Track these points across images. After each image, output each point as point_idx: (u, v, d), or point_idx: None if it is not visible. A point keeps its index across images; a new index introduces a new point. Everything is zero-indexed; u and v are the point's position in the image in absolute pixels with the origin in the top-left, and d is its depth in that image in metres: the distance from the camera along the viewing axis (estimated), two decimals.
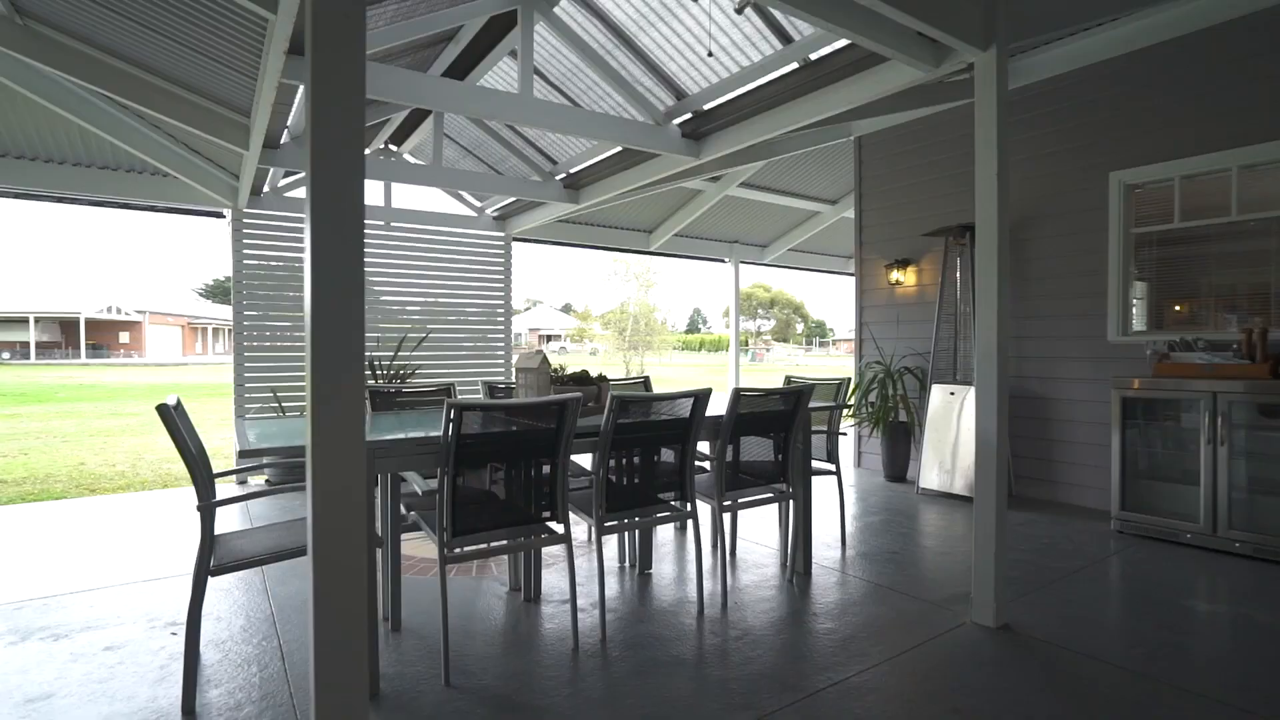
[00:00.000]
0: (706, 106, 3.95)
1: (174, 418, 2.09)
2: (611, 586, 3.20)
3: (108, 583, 3.28)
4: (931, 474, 5.10)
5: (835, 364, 34.36)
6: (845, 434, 3.94)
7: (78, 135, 4.76)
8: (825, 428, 3.92)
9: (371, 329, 6.20)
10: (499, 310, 7.04)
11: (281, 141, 4.30)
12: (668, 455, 2.98)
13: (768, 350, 50.37)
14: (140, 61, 3.69)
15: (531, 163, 5.40)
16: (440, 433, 2.29)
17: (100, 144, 4.86)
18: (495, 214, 6.87)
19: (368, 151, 6.38)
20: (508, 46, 4.08)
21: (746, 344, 54.76)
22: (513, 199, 6.43)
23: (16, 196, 5.05)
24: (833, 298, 76.84)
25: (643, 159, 4.73)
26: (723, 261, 9.19)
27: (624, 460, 2.81)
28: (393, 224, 6.32)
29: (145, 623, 2.80)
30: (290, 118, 4.05)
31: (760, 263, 9.36)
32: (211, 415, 11.39)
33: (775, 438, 3.24)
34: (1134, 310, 4.45)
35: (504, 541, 2.50)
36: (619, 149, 4.87)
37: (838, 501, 3.87)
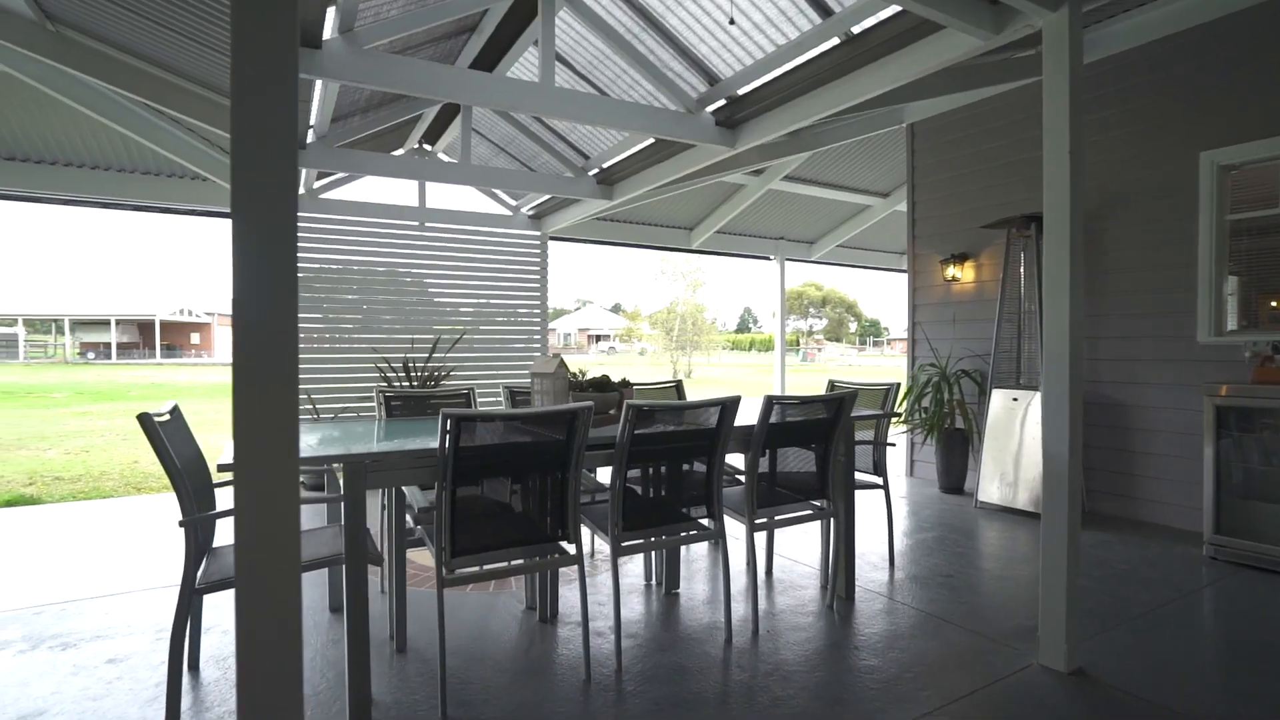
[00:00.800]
0: (740, 91, 3.68)
1: (156, 429, 1.97)
2: (634, 607, 2.98)
3: (128, 588, 3.25)
4: (991, 486, 4.69)
5: (889, 364, 33.22)
6: (894, 445, 3.61)
7: (119, 141, 4.84)
8: (871, 437, 3.60)
9: (405, 331, 6.15)
10: (535, 311, 6.91)
11: (307, 141, 4.24)
12: (695, 468, 2.74)
13: (819, 350, 49.22)
14: (159, 60, 3.67)
15: (563, 158, 5.23)
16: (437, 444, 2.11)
17: (140, 150, 4.93)
18: (531, 212, 6.74)
19: (400, 151, 6.35)
20: (533, 35, 3.91)
21: (797, 344, 53.73)
22: (547, 196, 6.29)
23: (65, 203, 5.18)
24: (887, 296, 74.57)
25: (676, 150, 4.49)
26: (768, 259, 8.86)
27: (644, 474, 2.59)
28: (427, 224, 6.26)
29: (154, 634, 2.73)
30: (313, 117, 3.99)
31: (807, 260, 8.98)
32: None
33: (814, 450, 2.96)
34: (1228, 307, 3.95)
35: (510, 562, 2.30)
36: (651, 141, 4.65)
37: (885, 518, 3.54)
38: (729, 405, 2.57)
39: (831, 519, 3.01)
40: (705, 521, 2.68)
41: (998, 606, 2.96)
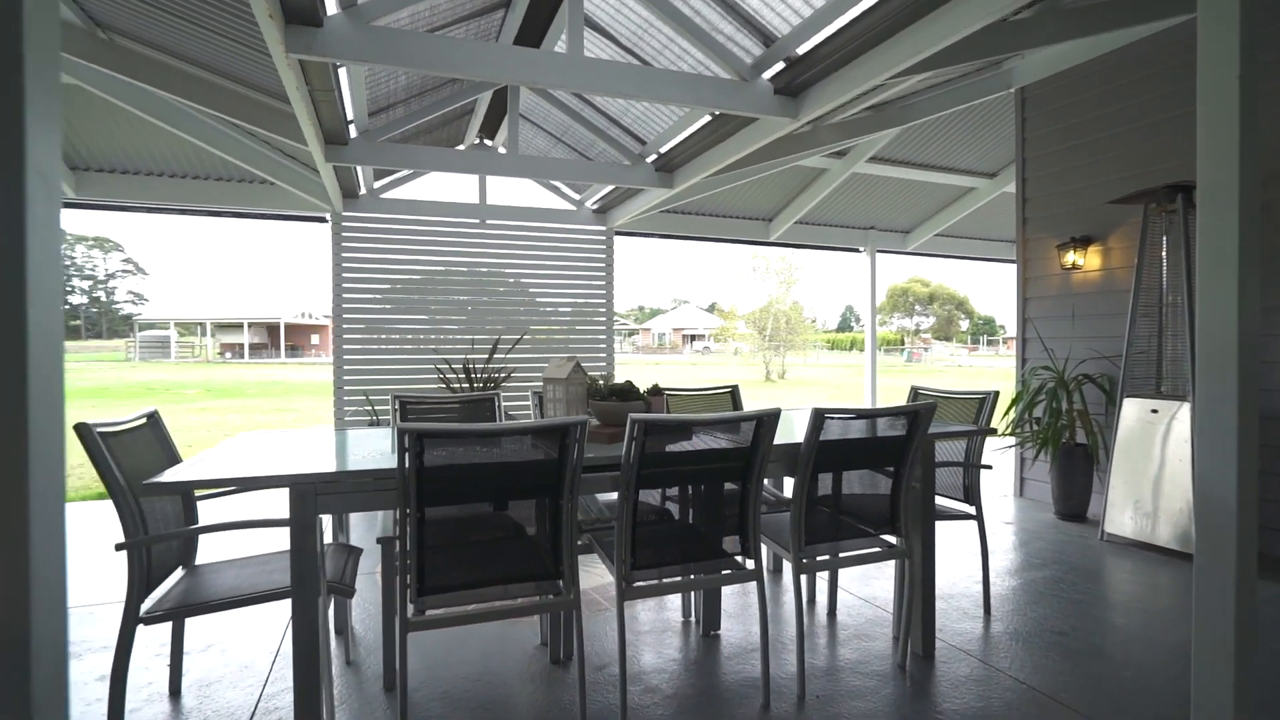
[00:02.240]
0: (800, 51, 3.16)
1: (95, 440, 1.77)
2: (662, 650, 2.56)
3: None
4: (1123, 516, 3.87)
5: (1004, 365, 30.53)
6: (989, 467, 2.96)
7: (190, 150, 4.98)
8: (961, 457, 2.98)
9: (466, 332, 6.02)
10: (600, 310, 6.61)
11: (350, 137, 4.13)
12: (728, 492, 2.28)
13: (926, 350, 46.26)
14: (205, 63, 3.64)
15: (619, 145, 4.88)
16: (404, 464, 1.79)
17: (210, 157, 5.05)
18: (595, 206, 6.44)
19: (461, 147, 6.23)
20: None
21: (901, 343, 50.84)
22: (609, 188, 5.96)
23: (148, 211, 5.41)
24: (1003, 291, 69.07)
25: (736, 127, 4.01)
26: (857, 251, 8.11)
27: (662, 500, 2.17)
28: (488, 221, 6.10)
29: (156, 647, 2.61)
30: (349, 110, 3.85)
31: (901, 251, 8.15)
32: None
33: (882, 473, 2.42)
34: None
35: (496, 603, 1.96)
36: (707, 119, 4.19)
37: (979, 553, 2.91)
38: (765, 420, 2.10)
39: (905, 560, 2.45)
40: (740, 558, 2.23)
41: (1131, 683, 2.30)
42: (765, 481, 2.92)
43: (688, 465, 2.14)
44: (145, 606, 1.90)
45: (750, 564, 2.21)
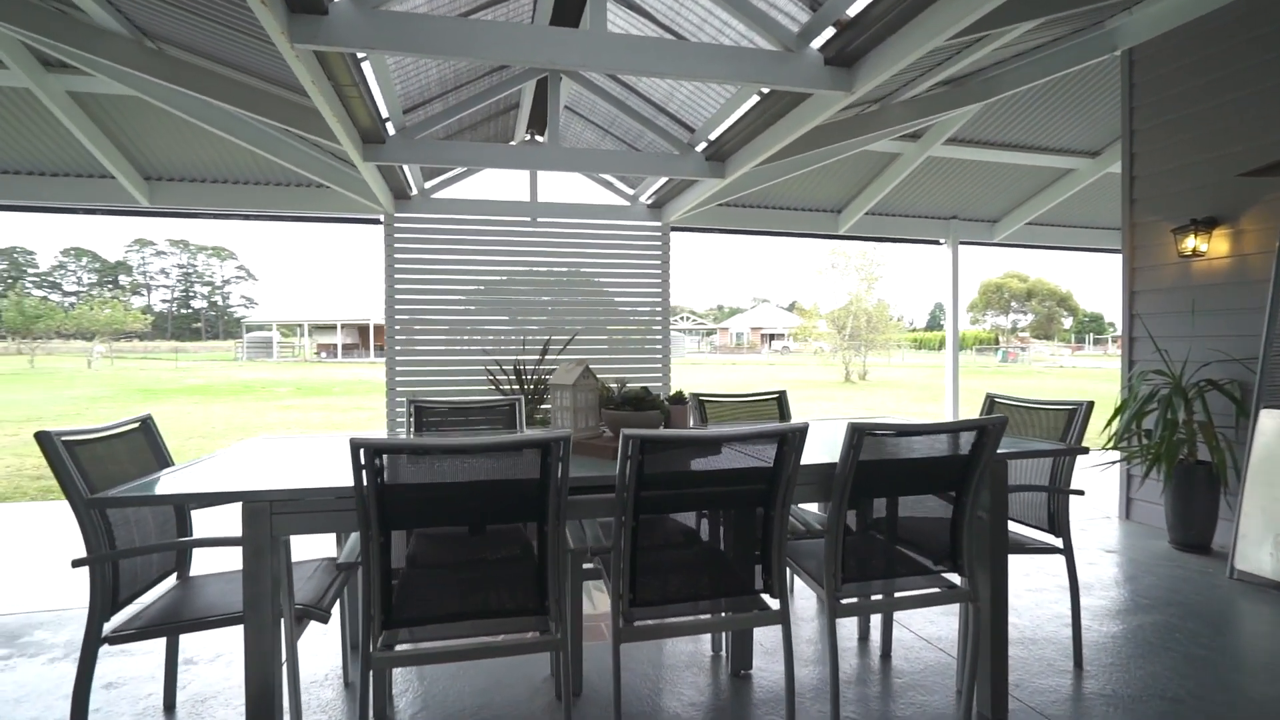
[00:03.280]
0: (851, 12, 2.78)
1: (56, 450, 1.68)
2: (682, 694, 2.27)
3: None
4: (1260, 551, 3.23)
5: (1112, 366, 27.96)
6: (1081, 493, 2.48)
7: (248, 156, 5.10)
8: (1046, 480, 2.52)
9: (518, 333, 5.91)
10: (656, 308, 6.34)
11: (388, 135, 4.06)
12: (750, 519, 1.97)
13: (1023, 350, 43.15)
14: (249, 68, 3.65)
15: (665, 133, 4.59)
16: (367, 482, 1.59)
17: (267, 162, 5.16)
18: (649, 200, 6.18)
19: (514, 142, 6.13)
20: None
21: (996, 341, 47.76)
22: (661, 180, 5.69)
23: (214, 217, 5.61)
24: (1112, 284, 63.55)
25: (786, 106, 3.64)
26: (937, 243, 7.47)
27: (663, 528, 1.89)
28: (539, 219, 5.97)
29: (158, 663, 2.57)
30: (382, 107, 3.77)
31: (989, 243, 7.44)
32: None
33: (942, 499, 2.03)
34: None
35: (473, 639, 1.74)
36: (755, 99, 3.85)
37: (1068, 592, 2.44)
38: (791, 437, 1.78)
39: (970, 604, 2.05)
40: (765, 597, 1.91)
41: None
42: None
43: (698, 488, 1.84)
44: (118, 622, 1.81)
45: (775, 603, 1.89)
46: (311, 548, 2.57)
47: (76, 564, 1.65)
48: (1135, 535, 4.08)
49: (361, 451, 1.52)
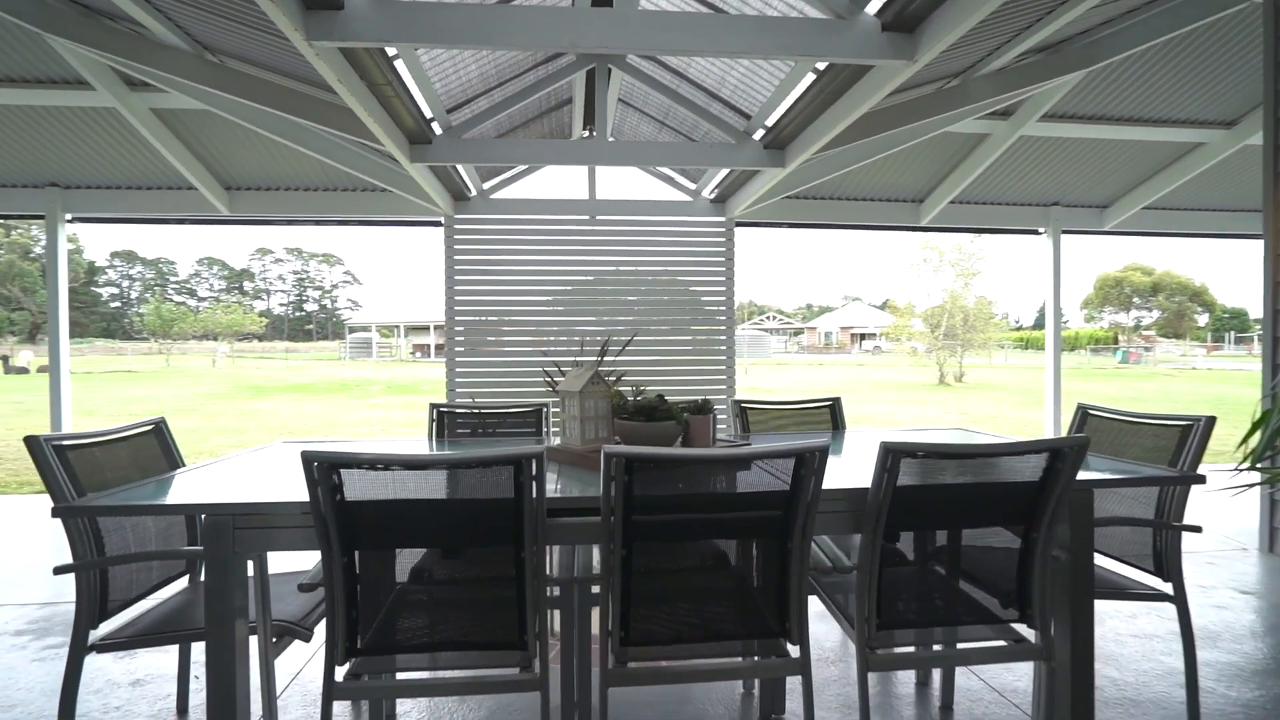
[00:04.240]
0: None
1: (45, 455, 1.66)
2: None
3: None
4: None
5: (1256, 368, 24.82)
6: (1197, 529, 2.03)
7: (315, 163, 5.26)
8: (1152, 512, 2.09)
9: (575, 333, 5.80)
10: (720, 307, 6.06)
11: (435, 134, 4.04)
12: (766, 551, 1.71)
13: (1147, 349, 39.16)
14: (296, 74, 3.71)
15: (721, 121, 4.32)
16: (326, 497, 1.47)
17: (331, 169, 5.31)
18: (712, 195, 5.91)
19: (574, 138, 6.03)
20: None
21: (1115, 340, 43.67)
22: (725, 173, 5.41)
23: (289, 223, 5.85)
24: (1253, 278, 56.61)
25: (845, 83, 3.30)
26: (1036, 233, 6.76)
27: (665, 557, 1.66)
28: (598, 217, 5.83)
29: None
30: (424, 106, 3.73)
31: (1098, 231, 6.65)
32: None
33: (1009, 532, 1.69)
34: None
35: (450, 672, 1.58)
36: (811, 78, 3.52)
37: (1181, 650, 2.01)
38: (807, 457, 1.50)
39: (1044, 662, 1.70)
40: (788, 642, 1.65)
41: None
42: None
43: (700, 513, 1.60)
44: (118, 624, 1.79)
45: (795, 650, 1.62)
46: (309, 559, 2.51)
47: (57, 571, 1.63)
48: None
49: (315, 466, 1.39)
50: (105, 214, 5.56)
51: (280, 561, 1.98)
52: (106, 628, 1.76)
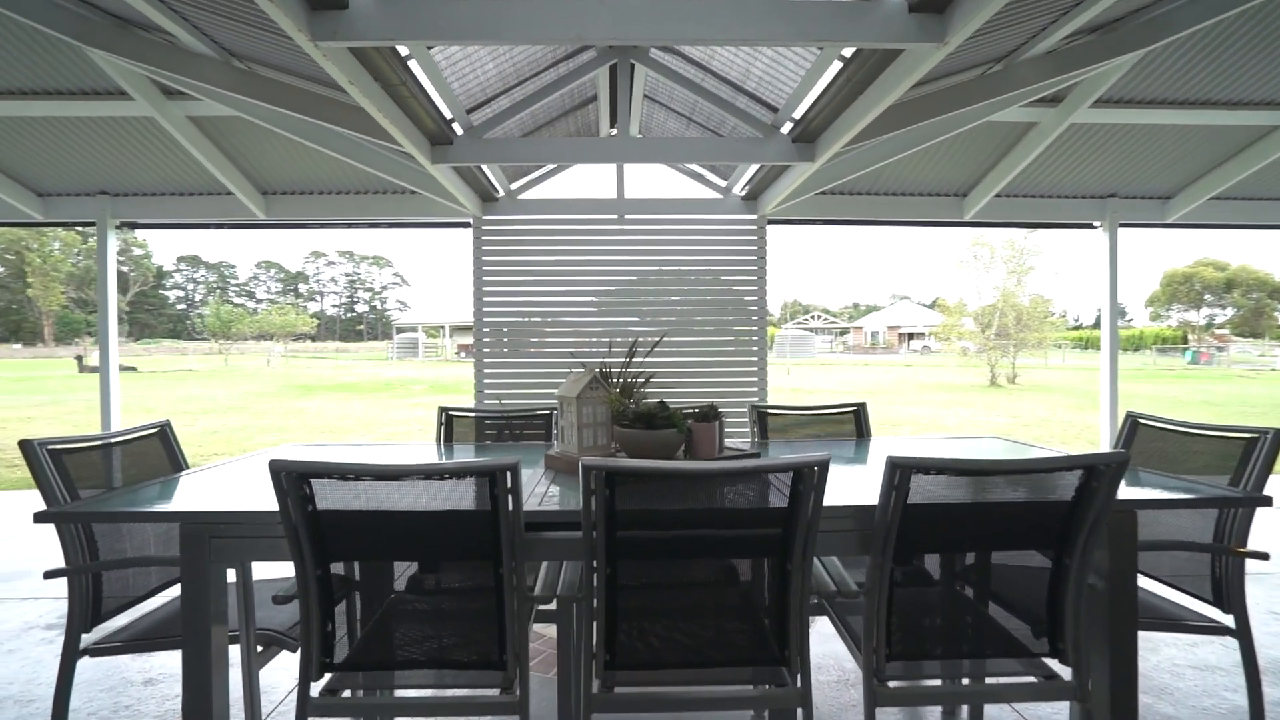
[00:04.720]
0: None
1: (39, 458, 1.66)
2: None
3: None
4: None
5: None
6: (1265, 556, 1.81)
7: (345, 166, 5.33)
8: (1210, 535, 1.88)
9: (604, 334, 5.73)
10: (752, 307, 5.90)
11: (456, 135, 4.02)
12: (764, 573, 1.59)
13: (1220, 350, 36.93)
14: (315, 77, 3.74)
15: (747, 114, 4.18)
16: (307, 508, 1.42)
17: (360, 172, 5.37)
18: (742, 192, 5.76)
19: (602, 135, 5.96)
20: None
21: (1184, 340, 41.35)
22: (755, 168, 5.26)
23: (322, 226, 5.95)
24: None
25: (873, 70, 3.13)
26: (1091, 227, 6.37)
27: (655, 575, 1.55)
28: (626, 216, 5.75)
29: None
30: (442, 106, 3.71)
31: (1159, 224, 6.22)
32: None
33: (1042, 555, 1.53)
34: None
35: (430, 692, 1.51)
36: (838, 66, 3.35)
37: (1245, 687, 1.79)
38: (805, 473, 1.38)
39: (1078, 703, 1.53)
40: (787, 671, 1.52)
41: None
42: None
43: (691, 530, 1.49)
44: (116, 626, 1.79)
45: (797, 680, 1.50)
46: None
47: (48, 575, 1.62)
48: None
49: (283, 476, 1.34)
50: (152, 220, 5.76)
51: (279, 567, 1.96)
52: (107, 628, 1.76)
